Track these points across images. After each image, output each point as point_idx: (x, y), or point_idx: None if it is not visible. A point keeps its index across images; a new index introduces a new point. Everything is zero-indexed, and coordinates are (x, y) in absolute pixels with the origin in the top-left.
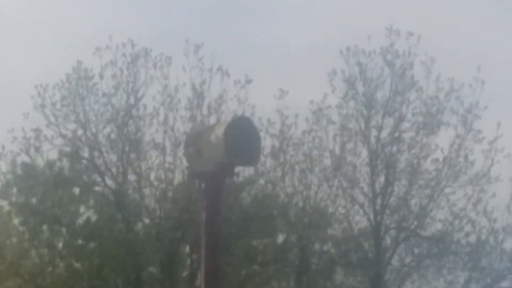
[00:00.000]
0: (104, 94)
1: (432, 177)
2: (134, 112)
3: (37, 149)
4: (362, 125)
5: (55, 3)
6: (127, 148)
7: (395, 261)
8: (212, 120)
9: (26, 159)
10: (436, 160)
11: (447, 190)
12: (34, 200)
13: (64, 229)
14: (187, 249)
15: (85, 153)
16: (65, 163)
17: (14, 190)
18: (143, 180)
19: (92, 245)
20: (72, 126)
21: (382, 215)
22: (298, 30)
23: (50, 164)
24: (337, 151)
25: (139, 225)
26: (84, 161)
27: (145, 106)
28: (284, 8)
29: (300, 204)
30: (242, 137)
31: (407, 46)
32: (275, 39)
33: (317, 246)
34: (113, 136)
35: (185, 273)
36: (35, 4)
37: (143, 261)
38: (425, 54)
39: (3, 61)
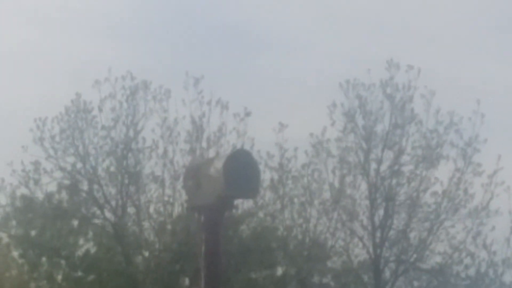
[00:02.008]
0: (103, 127)
1: (432, 210)
2: (133, 145)
3: (36, 182)
4: (362, 158)
5: (54, 36)
6: (126, 181)
7: None
8: (212, 153)
9: (25, 191)
10: (436, 193)
11: (447, 223)
12: (33, 233)
13: (63, 261)
14: (186, 281)
15: (84, 186)
16: (64, 195)
17: (14, 222)
18: (142, 213)
19: (91, 277)
20: (71, 159)
21: (381, 248)
22: (297, 63)
23: (49, 196)
24: (336, 184)
25: (139, 258)
26: (83, 194)
27: (144, 139)
28: (283, 41)
29: (300, 236)
30: (241, 170)
31: (407, 79)
32: (274, 72)
33: (316, 278)
34: (112, 169)
35: None
36: (33, 37)
37: None
38: (424, 87)
39: (2, 94)
